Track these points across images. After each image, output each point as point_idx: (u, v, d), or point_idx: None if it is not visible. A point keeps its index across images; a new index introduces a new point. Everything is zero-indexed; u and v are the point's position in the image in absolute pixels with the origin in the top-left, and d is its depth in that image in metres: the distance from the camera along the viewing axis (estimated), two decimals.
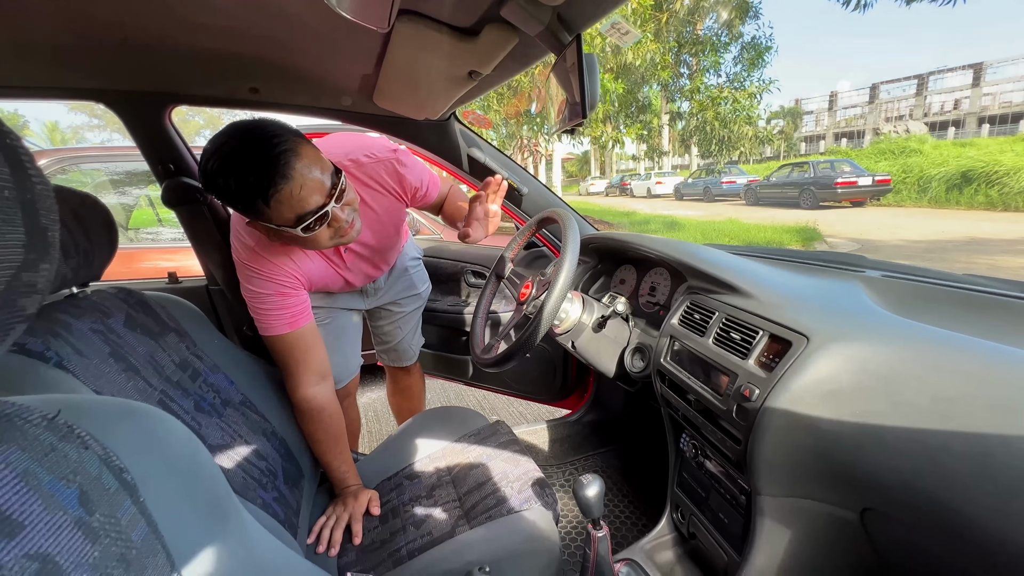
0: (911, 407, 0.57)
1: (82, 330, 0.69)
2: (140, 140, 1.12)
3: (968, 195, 11.09)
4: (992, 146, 12.71)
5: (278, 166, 0.74)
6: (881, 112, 29.65)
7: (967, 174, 11.26)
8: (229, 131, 0.77)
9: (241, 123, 0.78)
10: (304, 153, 0.78)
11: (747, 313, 0.81)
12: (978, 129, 24.73)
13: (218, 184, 0.76)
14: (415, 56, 0.80)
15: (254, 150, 0.74)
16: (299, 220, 0.80)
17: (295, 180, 0.76)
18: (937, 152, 13.17)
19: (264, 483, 0.83)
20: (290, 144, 0.76)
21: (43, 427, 0.31)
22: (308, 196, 0.78)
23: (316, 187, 0.79)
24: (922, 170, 12.31)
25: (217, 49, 0.86)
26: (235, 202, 0.78)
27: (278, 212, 0.78)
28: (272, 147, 0.75)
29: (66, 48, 0.82)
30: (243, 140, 0.75)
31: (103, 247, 0.75)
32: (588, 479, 0.79)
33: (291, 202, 0.77)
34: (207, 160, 0.76)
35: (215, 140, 0.76)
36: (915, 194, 12.23)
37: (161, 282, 1.45)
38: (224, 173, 0.75)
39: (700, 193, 17.10)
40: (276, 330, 0.96)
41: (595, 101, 0.59)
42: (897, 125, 24.75)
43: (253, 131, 0.76)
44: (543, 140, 17.17)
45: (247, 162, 0.74)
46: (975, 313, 0.76)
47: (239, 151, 0.74)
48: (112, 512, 0.32)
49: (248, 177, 0.74)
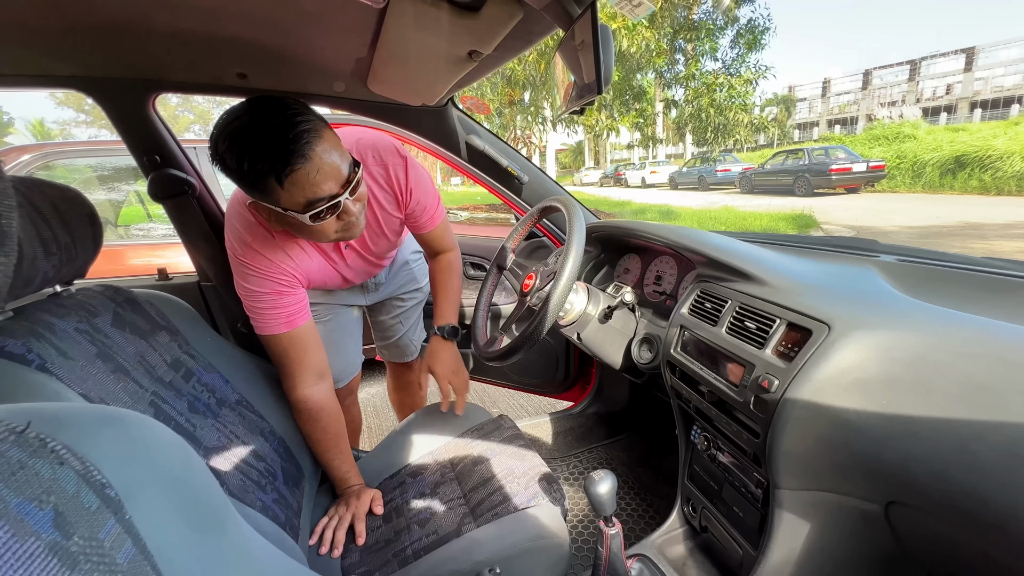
0: (941, 395, 0.55)
1: (66, 330, 0.65)
2: (123, 130, 1.07)
3: (962, 180, 11.15)
4: (985, 131, 12.73)
5: (298, 144, 0.70)
6: (874, 98, 29.64)
7: (960, 159, 11.31)
8: (248, 104, 0.72)
9: (262, 97, 0.73)
10: (326, 136, 0.74)
11: (762, 301, 0.79)
12: (970, 114, 24.79)
13: (230, 158, 0.71)
14: (412, 35, 0.76)
15: (274, 125, 0.70)
16: (309, 206, 0.75)
17: (313, 162, 0.72)
18: (931, 137, 13.18)
19: (263, 485, 0.80)
20: (313, 124, 0.73)
21: (10, 442, 0.28)
22: (323, 182, 0.74)
23: (333, 173, 0.75)
24: (916, 155, 12.34)
25: (202, 32, 0.81)
26: (245, 179, 0.73)
27: (290, 194, 0.73)
28: (294, 124, 0.70)
29: (37, 31, 0.77)
30: (263, 113, 0.71)
31: (86, 243, 0.71)
32: (600, 475, 0.76)
33: (305, 185, 0.73)
34: (220, 131, 0.71)
35: (232, 112, 0.72)
36: (909, 179, 12.27)
37: (151, 279, 1.40)
38: (239, 146, 0.70)
39: (695, 182, 17.06)
40: (273, 329, 0.92)
41: (610, 74, 0.55)
42: (892, 111, 24.76)
43: (275, 106, 0.72)
44: (537, 130, 17.07)
45: (265, 137, 0.70)
46: (998, 296, 0.74)
47: (257, 125, 0.70)
48: (93, 534, 0.28)
49: (265, 153, 0.70)
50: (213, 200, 1.24)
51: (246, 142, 0.70)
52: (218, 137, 0.71)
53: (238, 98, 0.79)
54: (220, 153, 0.72)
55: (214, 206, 1.23)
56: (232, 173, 0.74)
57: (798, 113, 32.45)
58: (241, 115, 0.71)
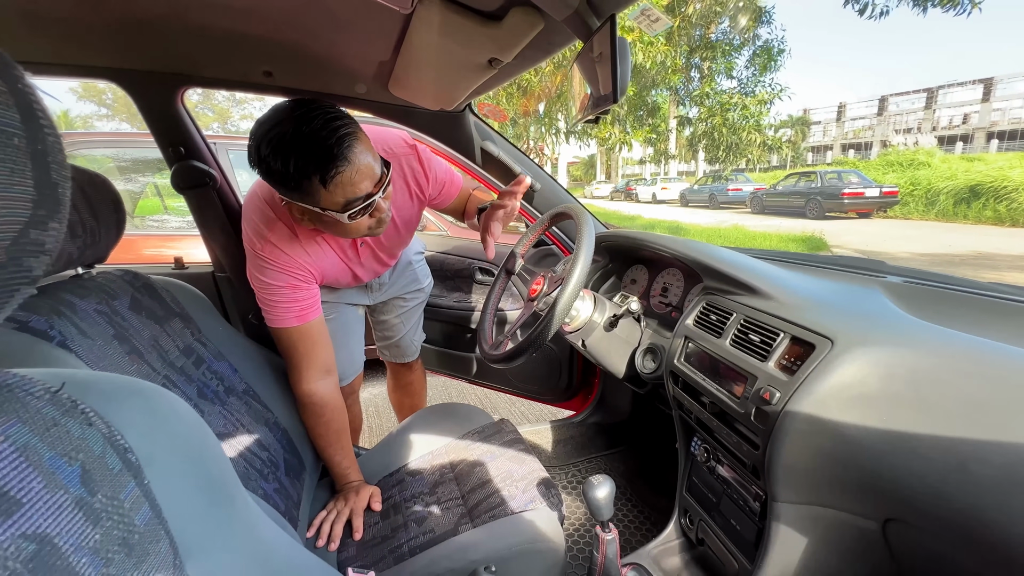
0: (941, 413, 0.55)
1: (87, 311, 0.67)
2: (151, 122, 1.10)
3: (976, 209, 11.02)
4: (1001, 161, 12.61)
5: (341, 147, 0.73)
6: (889, 124, 29.54)
7: (975, 188, 11.19)
8: (288, 109, 0.75)
9: (300, 101, 0.76)
10: (362, 138, 0.77)
11: (767, 315, 0.79)
12: (987, 144, 24.61)
13: (274, 161, 0.73)
14: (435, 42, 0.78)
15: (317, 129, 0.72)
16: (348, 206, 0.78)
17: (354, 164, 0.75)
18: (945, 166, 13.07)
19: (266, 474, 0.82)
20: (353, 127, 0.76)
21: (46, 400, 0.29)
22: (361, 182, 0.77)
23: (369, 174, 0.78)
24: (930, 183, 12.23)
25: (231, 29, 0.84)
26: (288, 182, 0.75)
27: (332, 195, 0.76)
28: (336, 129, 0.73)
29: (76, 23, 0.80)
30: (305, 118, 0.73)
31: (110, 228, 0.74)
32: (598, 480, 0.77)
33: (346, 186, 0.76)
34: (262, 136, 0.73)
35: (271, 118, 0.74)
36: (922, 207, 12.16)
37: (168, 267, 1.43)
38: (284, 151, 0.72)
39: (706, 200, 17.04)
40: (285, 322, 0.94)
41: (626, 85, 0.57)
42: (907, 138, 24.64)
43: (315, 110, 0.74)
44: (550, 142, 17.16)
45: (309, 141, 0.72)
46: (1003, 320, 0.74)
47: (301, 129, 0.72)
48: (115, 493, 0.30)
49: (310, 157, 0.72)
50: (232, 193, 1.27)
51: (291, 146, 0.72)
52: (260, 142, 0.74)
53: (263, 95, 0.81)
54: (263, 157, 0.74)
55: (233, 199, 1.26)
56: (274, 176, 0.76)
57: (812, 136, 32.40)
58: (283, 120, 0.73)
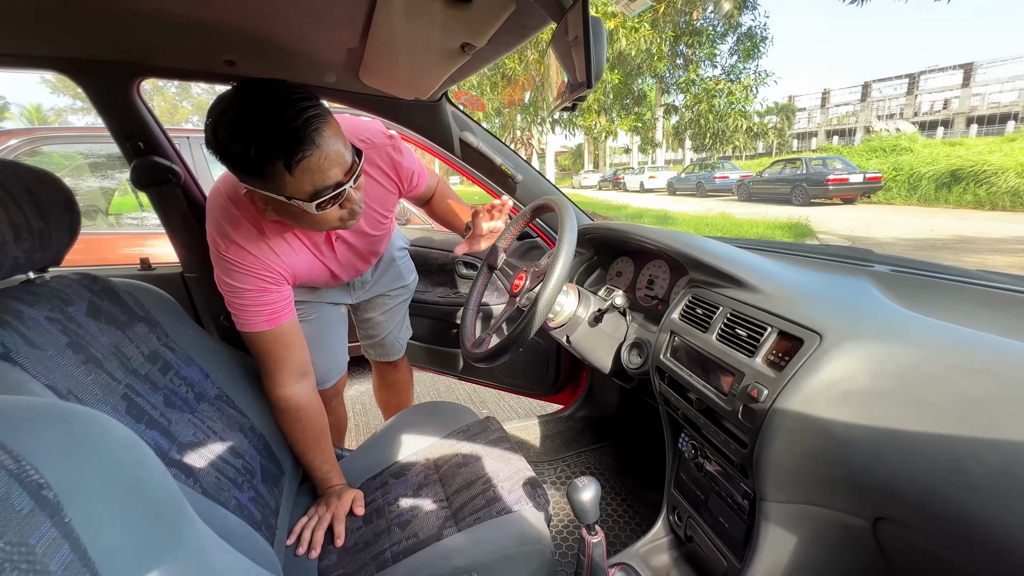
0: (933, 410, 0.53)
1: (36, 319, 0.63)
2: (106, 115, 1.04)
3: (957, 194, 11.21)
4: (980, 146, 12.82)
5: (308, 130, 0.68)
6: (872, 110, 29.81)
7: (956, 173, 11.38)
8: (247, 88, 0.68)
9: (261, 80, 0.70)
10: (331, 123, 0.72)
11: (754, 308, 0.77)
12: (967, 129, 24.97)
13: (233, 144, 0.68)
14: (402, 26, 0.74)
15: (282, 110, 0.67)
16: (316, 195, 0.73)
17: (322, 149, 0.70)
18: (927, 151, 13.25)
19: (240, 483, 0.78)
20: (320, 110, 0.70)
21: None
22: (329, 169, 0.72)
23: (339, 160, 0.73)
24: (912, 168, 12.41)
25: (188, 15, 0.79)
26: (249, 166, 0.70)
27: (298, 182, 0.71)
28: (303, 110, 0.68)
29: (16, 8, 0.74)
30: (268, 98, 0.67)
31: (62, 229, 0.69)
32: (583, 482, 0.74)
33: (314, 173, 0.71)
34: (219, 117, 0.68)
35: (228, 96, 0.68)
36: (905, 192, 12.34)
37: (133, 268, 1.37)
38: (244, 132, 0.67)
39: (693, 188, 17.11)
40: (256, 327, 0.90)
41: (601, 69, 0.53)
42: (889, 123, 24.91)
43: (278, 90, 0.68)
44: (537, 132, 17.06)
45: (273, 122, 0.66)
46: (993, 311, 0.73)
47: (263, 110, 0.66)
48: (23, 539, 0.26)
49: (274, 139, 0.67)
50: (199, 190, 1.21)
51: (252, 128, 0.67)
52: (216, 123, 0.68)
53: (227, 85, 0.76)
54: (221, 140, 0.68)
55: (200, 196, 1.21)
56: (234, 160, 0.70)
57: (797, 123, 32.60)
58: (244, 99, 0.67)
